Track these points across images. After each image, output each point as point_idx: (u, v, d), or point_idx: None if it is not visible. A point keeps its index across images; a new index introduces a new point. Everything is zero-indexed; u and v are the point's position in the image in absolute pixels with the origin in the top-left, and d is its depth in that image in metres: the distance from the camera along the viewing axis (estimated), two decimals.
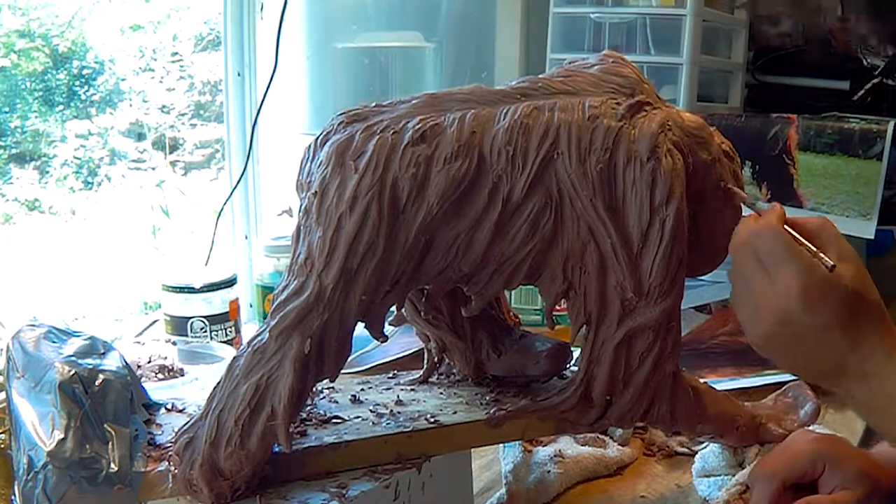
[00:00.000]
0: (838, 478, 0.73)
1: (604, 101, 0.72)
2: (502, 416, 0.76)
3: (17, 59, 1.74)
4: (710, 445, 0.91)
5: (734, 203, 0.77)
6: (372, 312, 0.71)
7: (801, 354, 0.67)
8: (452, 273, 0.72)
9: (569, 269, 0.73)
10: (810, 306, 0.64)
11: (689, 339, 0.77)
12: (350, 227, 0.68)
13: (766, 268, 0.66)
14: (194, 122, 1.99)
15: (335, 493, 0.68)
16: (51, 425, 0.69)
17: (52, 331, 0.79)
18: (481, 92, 0.73)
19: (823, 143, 1.21)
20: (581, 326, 0.75)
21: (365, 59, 1.54)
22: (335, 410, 0.78)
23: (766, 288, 0.66)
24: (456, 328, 0.83)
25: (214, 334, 1.24)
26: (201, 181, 1.99)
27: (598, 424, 0.77)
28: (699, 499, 0.88)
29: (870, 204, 1.18)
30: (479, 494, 0.87)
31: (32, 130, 1.78)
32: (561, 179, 0.71)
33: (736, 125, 1.28)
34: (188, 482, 0.68)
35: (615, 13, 1.43)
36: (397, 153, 0.69)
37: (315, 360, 0.68)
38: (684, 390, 0.77)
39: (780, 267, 0.65)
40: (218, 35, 1.58)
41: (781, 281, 0.65)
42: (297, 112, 1.58)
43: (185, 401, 0.81)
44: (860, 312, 0.65)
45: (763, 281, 0.66)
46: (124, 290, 1.71)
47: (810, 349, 0.66)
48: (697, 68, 1.37)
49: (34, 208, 1.79)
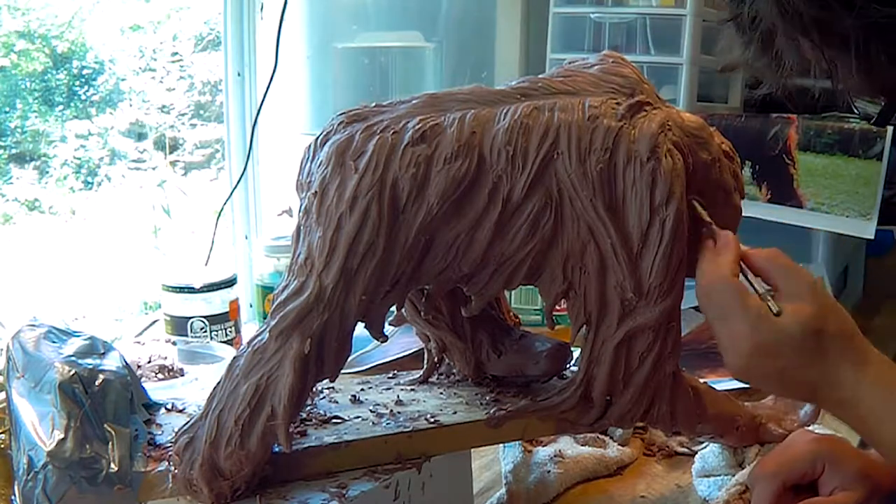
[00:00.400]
0: (838, 478, 0.73)
1: (604, 101, 0.72)
2: (502, 416, 0.76)
3: (17, 59, 1.74)
4: (710, 445, 0.91)
5: (733, 203, 0.77)
6: (372, 312, 0.71)
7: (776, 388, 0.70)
8: (452, 273, 0.72)
9: (569, 269, 0.73)
10: (766, 356, 0.66)
11: (689, 339, 0.77)
12: (350, 227, 0.68)
13: (722, 319, 0.67)
14: (194, 122, 1.98)
15: (335, 493, 0.68)
16: (51, 425, 0.69)
17: (52, 331, 0.79)
18: (481, 92, 0.73)
19: (823, 143, 1.21)
20: (581, 326, 0.75)
21: (365, 59, 1.54)
22: (335, 410, 0.78)
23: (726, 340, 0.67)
24: (456, 328, 0.83)
25: (214, 334, 1.24)
26: (201, 181, 1.99)
27: (598, 424, 0.77)
28: (699, 499, 0.88)
29: (870, 204, 1.18)
30: (479, 494, 0.87)
31: (32, 130, 1.78)
32: (561, 179, 0.71)
33: (736, 125, 1.28)
34: (188, 482, 0.68)
35: (615, 13, 1.42)
36: (397, 153, 0.69)
37: (315, 360, 0.68)
38: (684, 390, 0.77)
39: (733, 321, 0.66)
40: (218, 35, 1.58)
41: (736, 336, 0.66)
42: (297, 112, 1.58)
43: (185, 401, 0.81)
44: (821, 348, 0.65)
45: (723, 329, 0.68)
46: (124, 290, 1.71)
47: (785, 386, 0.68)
48: (697, 68, 1.37)
49: (34, 208, 1.79)
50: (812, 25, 0.60)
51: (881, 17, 0.57)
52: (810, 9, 0.59)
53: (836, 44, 0.60)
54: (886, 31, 0.58)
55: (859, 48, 0.59)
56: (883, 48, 0.59)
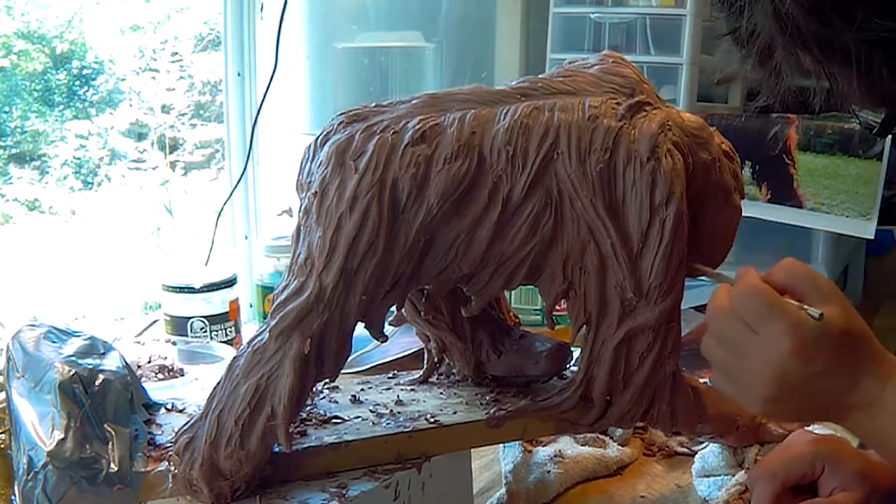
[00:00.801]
0: (838, 479, 0.73)
1: (604, 101, 0.72)
2: (502, 416, 0.76)
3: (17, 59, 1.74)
4: (710, 445, 0.91)
5: (734, 203, 0.77)
6: (372, 312, 0.71)
7: (804, 405, 0.66)
8: (452, 273, 0.72)
9: (569, 269, 0.73)
10: (806, 360, 0.63)
11: (689, 339, 0.76)
12: (350, 227, 0.68)
13: (752, 328, 0.64)
14: (194, 122, 1.98)
15: (335, 493, 0.68)
16: (51, 425, 0.69)
17: (52, 331, 0.79)
18: (481, 92, 0.73)
19: (823, 143, 1.21)
20: (581, 326, 0.75)
21: (365, 59, 1.54)
22: (335, 410, 0.78)
23: (756, 348, 0.64)
24: (456, 328, 0.83)
25: (214, 334, 1.24)
26: (201, 181, 1.99)
27: (598, 424, 0.77)
28: (699, 499, 0.88)
29: (870, 204, 1.18)
30: (479, 494, 0.87)
31: (32, 130, 1.78)
32: (561, 179, 0.71)
33: (736, 125, 1.28)
34: (188, 482, 0.68)
35: (615, 13, 1.42)
36: (397, 153, 0.69)
37: (315, 360, 0.68)
38: (684, 390, 0.77)
39: (768, 325, 0.63)
40: (218, 35, 1.57)
41: (771, 339, 0.63)
42: (297, 112, 1.58)
43: (185, 401, 0.81)
44: (852, 349, 0.64)
45: (752, 342, 0.64)
46: (125, 290, 1.71)
47: (812, 397, 0.65)
48: (697, 68, 1.36)
49: (34, 208, 1.79)
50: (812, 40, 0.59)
51: (882, 31, 0.57)
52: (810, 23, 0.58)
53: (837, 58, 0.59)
54: (887, 44, 0.58)
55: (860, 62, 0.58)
56: (884, 62, 0.59)
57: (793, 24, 0.59)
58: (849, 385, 0.64)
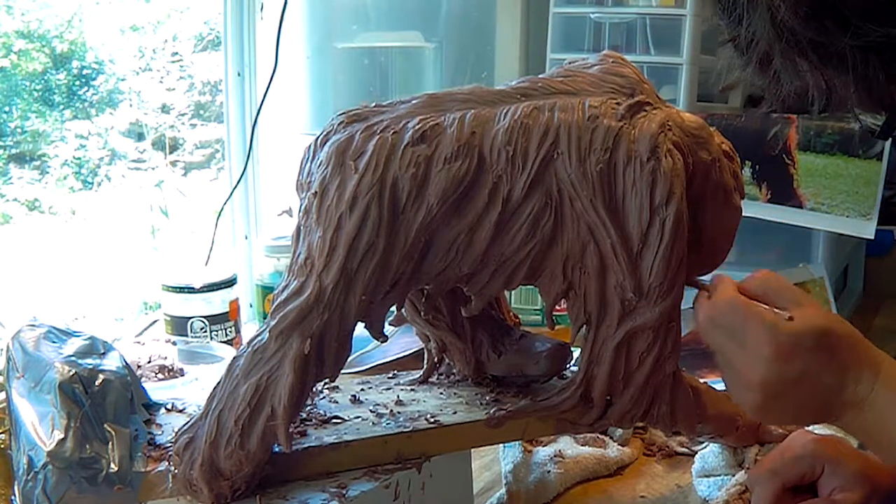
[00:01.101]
0: (837, 479, 0.73)
1: (604, 101, 0.72)
2: (502, 416, 0.76)
3: (17, 59, 1.74)
4: (710, 445, 0.91)
5: (733, 203, 0.77)
6: (372, 312, 0.71)
7: (795, 408, 0.68)
8: (452, 273, 0.72)
9: (569, 269, 0.73)
10: (787, 361, 0.65)
11: (689, 339, 0.76)
12: (350, 227, 0.68)
13: (732, 338, 0.67)
14: (194, 122, 1.99)
15: (335, 493, 0.68)
16: (51, 425, 0.69)
17: (52, 331, 0.79)
18: (481, 92, 0.73)
19: (823, 143, 1.21)
20: (581, 326, 0.75)
21: (365, 59, 1.54)
22: (335, 410, 0.78)
23: (741, 358, 0.67)
24: (456, 328, 0.83)
25: (214, 334, 1.24)
26: (201, 181, 1.99)
27: (598, 424, 0.77)
28: (699, 499, 0.88)
29: (870, 204, 1.18)
30: (479, 494, 0.87)
31: (32, 130, 1.78)
32: (561, 179, 0.71)
33: (736, 125, 1.28)
34: (188, 482, 0.68)
35: (615, 13, 1.42)
36: (397, 153, 0.69)
37: (315, 360, 0.68)
38: (684, 390, 0.77)
39: (746, 333, 0.66)
40: (218, 35, 1.58)
41: (752, 347, 0.66)
42: (297, 112, 1.58)
43: (185, 401, 0.81)
44: (836, 348, 0.66)
45: (737, 352, 0.67)
46: (124, 290, 1.71)
47: (800, 399, 0.67)
48: (697, 68, 1.36)
49: (34, 208, 1.79)
50: (809, 46, 0.60)
51: (878, 37, 0.57)
52: (806, 30, 0.59)
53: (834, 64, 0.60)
54: (883, 49, 0.58)
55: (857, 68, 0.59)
56: (881, 66, 0.59)
57: (789, 31, 0.60)
58: (836, 385, 0.66)
